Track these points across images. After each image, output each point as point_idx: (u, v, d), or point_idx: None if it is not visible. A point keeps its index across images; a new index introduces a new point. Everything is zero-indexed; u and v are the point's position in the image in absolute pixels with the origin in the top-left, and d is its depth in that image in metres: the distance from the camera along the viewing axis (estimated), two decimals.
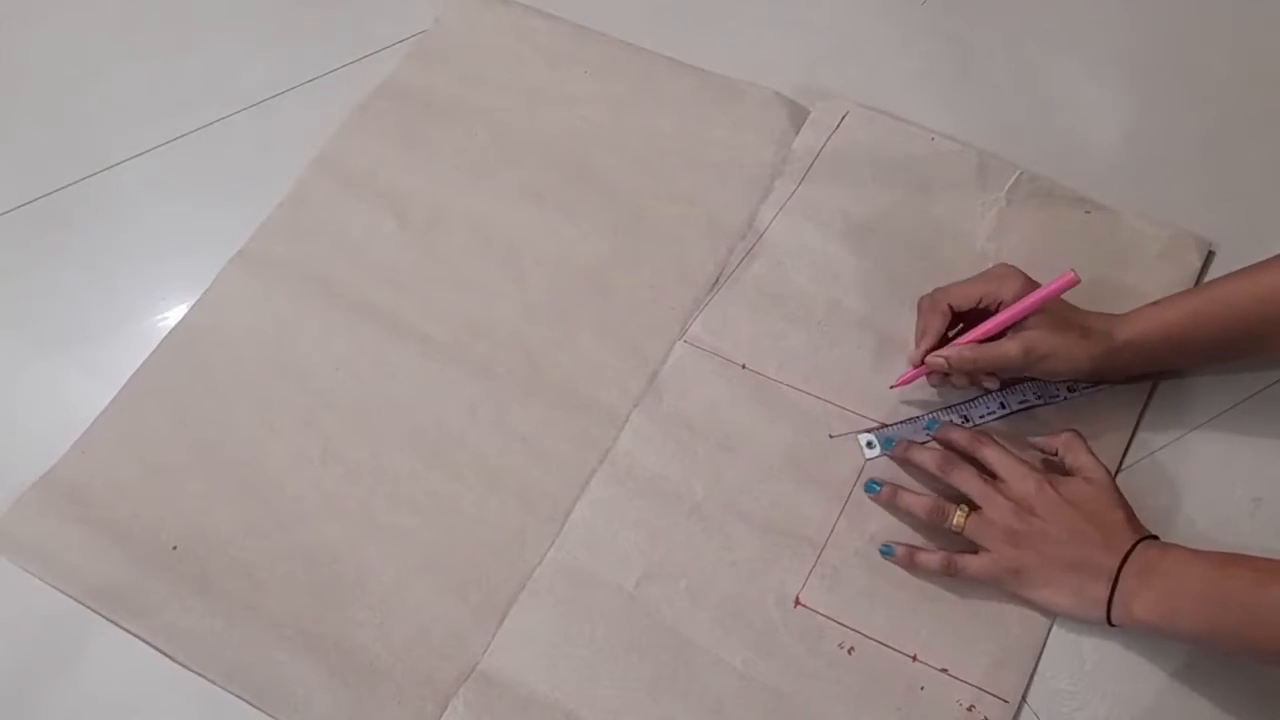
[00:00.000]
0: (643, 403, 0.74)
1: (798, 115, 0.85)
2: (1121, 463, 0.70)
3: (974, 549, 0.65)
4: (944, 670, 0.64)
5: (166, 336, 0.79)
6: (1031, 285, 0.67)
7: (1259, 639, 0.56)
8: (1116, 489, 0.65)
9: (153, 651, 0.68)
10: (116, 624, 0.68)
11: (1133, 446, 0.71)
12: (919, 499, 0.67)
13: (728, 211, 0.81)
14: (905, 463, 0.70)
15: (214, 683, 0.66)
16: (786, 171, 0.82)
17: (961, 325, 0.71)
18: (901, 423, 0.71)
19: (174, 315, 0.80)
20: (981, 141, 0.83)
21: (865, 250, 0.78)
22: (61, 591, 0.70)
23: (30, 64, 0.95)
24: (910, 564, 0.66)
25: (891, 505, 0.68)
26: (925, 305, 0.71)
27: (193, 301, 0.80)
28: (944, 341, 0.70)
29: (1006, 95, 0.86)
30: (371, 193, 0.84)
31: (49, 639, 0.69)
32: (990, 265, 0.72)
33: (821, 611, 0.66)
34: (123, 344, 0.79)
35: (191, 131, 0.90)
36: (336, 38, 0.93)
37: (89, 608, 0.69)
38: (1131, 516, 0.63)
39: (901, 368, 0.73)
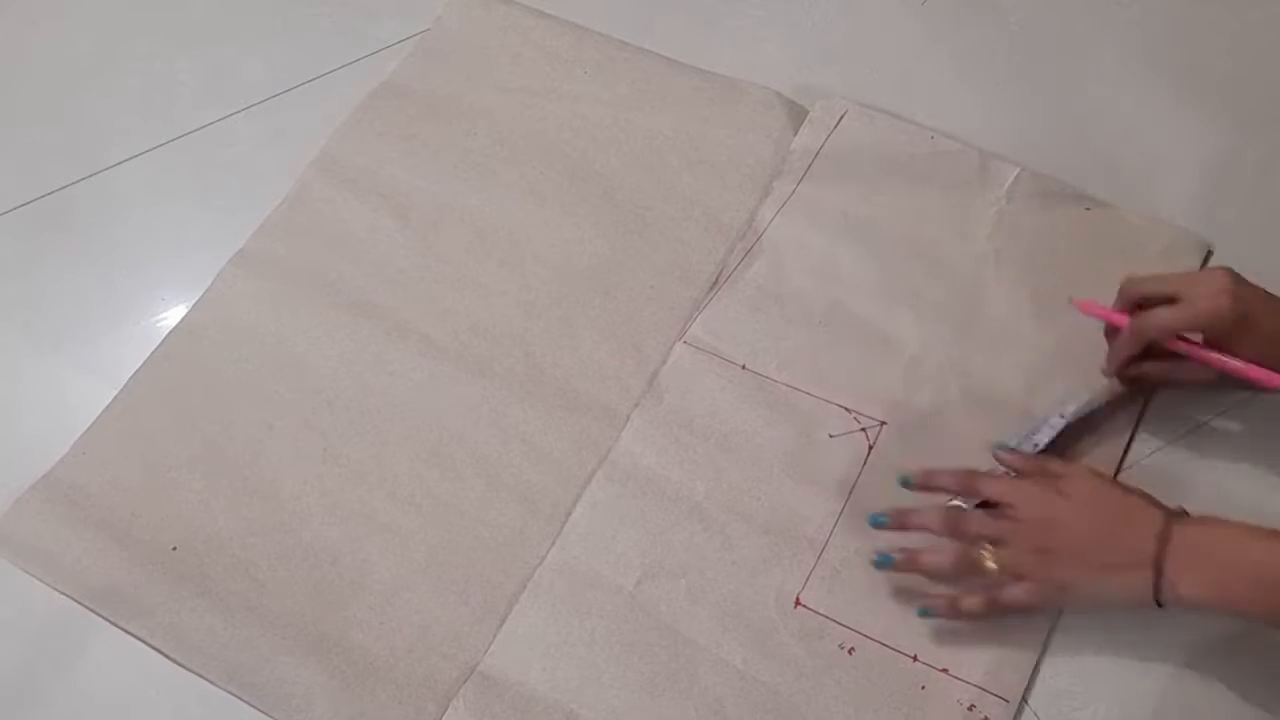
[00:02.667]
0: (643, 403, 0.74)
1: (797, 115, 0.85)
2: (1121, 463, 0.70)
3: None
4: (944, 670, 0.64)
5: (166, 336, 0.79)
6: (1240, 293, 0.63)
7: None
8: (1108, 476, 0.64)
9: (153, 651, 0.68)
10: (116, 624, 0.68)
11: (1133, 446, 0.70)
12: (942, 557, 0.64)
13: (727, 211, 0.81)
14: (904, 529, 0.66)
15: (214, 683, 0.66)
16: (786, 171, 0.82)
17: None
18: None
19: (173, 315, 0.80)
20: (981, 140, 0.83)
21: (865, 249, 0.78)
22: (61, 592, 0.70)
23: (30, 64, 0.95)
24: (955, 613, 0.64)
25: (913, 569, 0.65)
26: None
27: (192, 301, 0.80)
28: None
29: (1007, 94, 0.86)
30: (372, 192, 0.84)
31: (49, 639, 0.69)
32: (991, 268, 0.73)
33: (821, 612, 0.66)
34: (122, 344, 0.80)
35: (191, 131, 0.90)
36: (336, 38, 0.93)
37: (89, 608, 0.69)
38: (1143, 494, 0.62)
39: (900, 369, 0.73)
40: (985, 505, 0.66)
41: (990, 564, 0.62)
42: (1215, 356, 0.64)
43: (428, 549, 0.70)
